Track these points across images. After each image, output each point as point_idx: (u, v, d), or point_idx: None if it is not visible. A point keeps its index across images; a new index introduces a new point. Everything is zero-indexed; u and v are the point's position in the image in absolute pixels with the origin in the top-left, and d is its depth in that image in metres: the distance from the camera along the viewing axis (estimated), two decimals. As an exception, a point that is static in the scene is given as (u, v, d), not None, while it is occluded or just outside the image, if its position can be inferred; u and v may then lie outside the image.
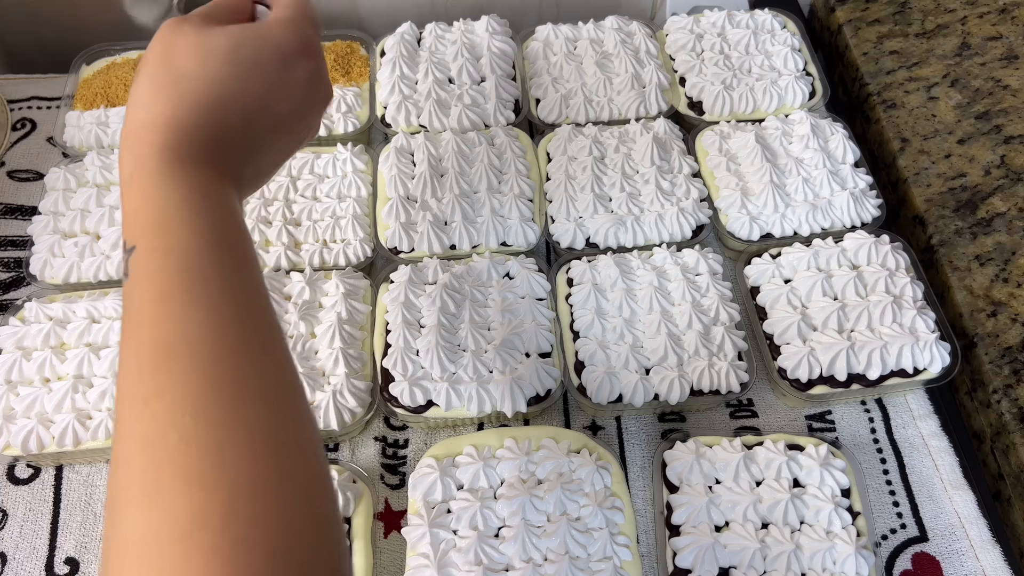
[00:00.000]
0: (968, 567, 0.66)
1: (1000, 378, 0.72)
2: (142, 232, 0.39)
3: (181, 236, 0.38)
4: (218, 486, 0.33)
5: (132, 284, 0.38)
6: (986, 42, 0.94)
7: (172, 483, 0.33)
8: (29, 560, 0.68)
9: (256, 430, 0.35)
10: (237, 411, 0.35)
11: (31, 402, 0.70)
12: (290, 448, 0.36)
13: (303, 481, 0.36)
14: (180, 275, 0.37)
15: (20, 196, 0.90)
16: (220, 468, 0.33)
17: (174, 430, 0.33)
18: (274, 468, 0.34)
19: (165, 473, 0.33)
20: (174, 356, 0.35)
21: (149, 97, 0.42)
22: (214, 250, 0.39)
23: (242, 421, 0.34)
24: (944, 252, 0.79)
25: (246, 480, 0.33)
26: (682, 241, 0.80)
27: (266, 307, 0.40)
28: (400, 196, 0.80)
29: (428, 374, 0.70)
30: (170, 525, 0.32)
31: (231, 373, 0.36)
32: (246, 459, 0.34)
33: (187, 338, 0.36)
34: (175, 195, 0.39)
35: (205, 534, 0.32)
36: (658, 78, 0.90)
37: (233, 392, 0.35)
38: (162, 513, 0.32)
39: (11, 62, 1.10)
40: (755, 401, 0.75)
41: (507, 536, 0.62)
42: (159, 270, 0.38)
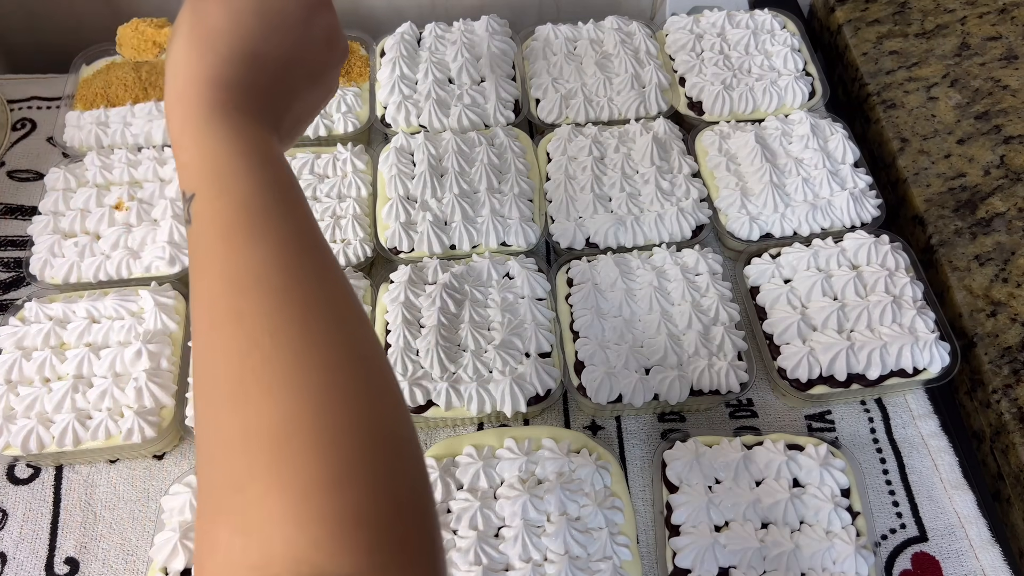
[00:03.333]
0: (968, 567, 0.66)
1: (1000, 378, 0.72)
2: (199, 181, 0.41)
3: (237, 181, 0.41)
4: (303, 390, 0.35)
5: (196, 228, 0.41)
6: (986, 42, 0.94)
7: (261, 392, 0.35)
8: (29, 560, 0.68)
9: (330, 345, 0.37)
10: (311, 329, 0.37)
11: (31, 402, 0.70)
12: (361, 359, 0.38)
13: (378, 384, 0.38)
14: (240, 215, 0.40)
15: (20, 196, 0.90)
16: (303, 377, 0.35)
17: (256, 349, 0.36)
18: (353, 375, 0.37)
19: (252, 385, 0.35)
20: (246, 286, 0.38)
21: (188, 57, 0.44)
22: (269, 193, 0.41)
23: (316, 336, 0.37)
24: (944, 252, 0.79)
25: (328, 385, 0.36)
26: (682, 241, 0.80)
27: (320, 241, 0.42)
28: (400, 196, 0.80)
29: (428, 374, 0.70)
30: (264, 425, 0.34)
31: (299, 298, 0.38)
32: (327, 369, 0.36)
33: (255, 270, 0.38)
34: (225, 145, 0.42)
35: (295, 429, 0.34)
36: (658, 78, 0.90)
37: (304, 314, 0.37)
38: (252, 418, 0.34)
39: (11, 62, 1.10)
40: (755, 401, 0.75)
41: (507, 536, 0.62)
42: (220, 212, 0.40)
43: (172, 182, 0.83)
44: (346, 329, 0.39)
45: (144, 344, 0.72)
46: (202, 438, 0.37)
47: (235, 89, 0.44)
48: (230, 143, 0.42)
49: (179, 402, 0.71)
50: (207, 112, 0.43)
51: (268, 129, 0.45)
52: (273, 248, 0.39)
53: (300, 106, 0.49)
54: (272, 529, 0.32)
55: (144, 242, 0.79)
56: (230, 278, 0.38)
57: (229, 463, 0.34)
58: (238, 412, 0.35)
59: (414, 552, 0.34)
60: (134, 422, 0.68)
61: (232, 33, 0.44)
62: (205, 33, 0.44)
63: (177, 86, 0.44)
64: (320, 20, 0.49)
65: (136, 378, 0.70)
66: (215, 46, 0.44)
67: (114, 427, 0.68)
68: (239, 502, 0.33)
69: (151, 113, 0.89)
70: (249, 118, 0.44)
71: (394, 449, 0.36)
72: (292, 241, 0.40)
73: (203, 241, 0.40)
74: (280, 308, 0.37)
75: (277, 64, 0.46)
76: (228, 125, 0.42)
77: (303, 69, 0.48)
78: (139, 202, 0.82)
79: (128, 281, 0.78)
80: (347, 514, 0.33)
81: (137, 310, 0.75)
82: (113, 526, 0.70)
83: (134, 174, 0.84)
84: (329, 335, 0.38)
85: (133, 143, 0.88)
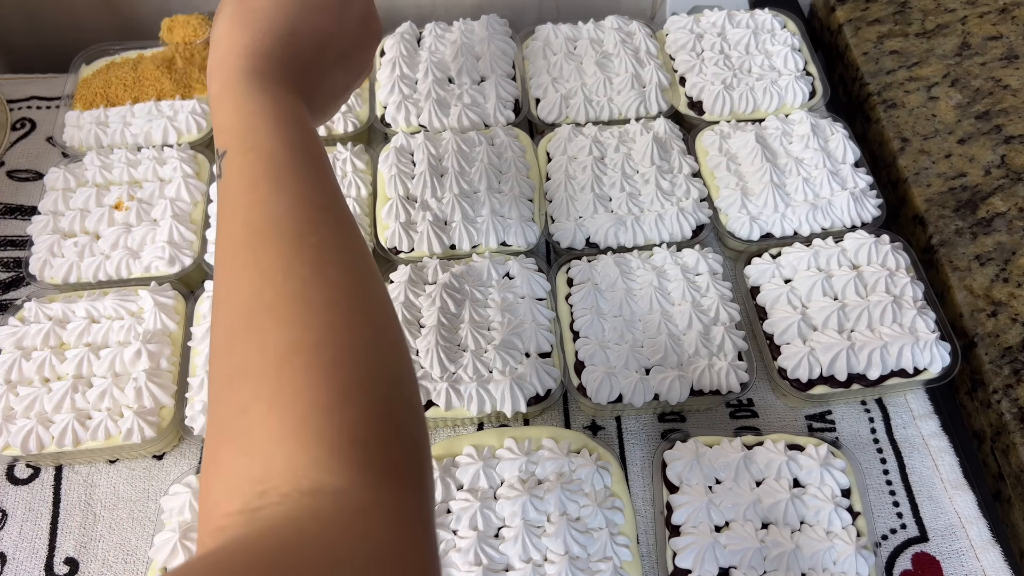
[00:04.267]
0: (968, 567, 0.66)
1: (1000, 378, 0.72)
2: (231, 138, 0.44)
3: (266, 140, 0.44)
4: (310, 322, 0.38)
5: (225, 181, 0.44)
6: (986, 42, 0.94)
7: (271, 323, 0.38)
8: (29, 560, 0.68)
9: (337, 284, 0.40)
10: (322, 271, 0.40)
11: (31, 402, 0.70)
12: (368, 300, 0.41)
13: (380, 324, 0.41)
14: (267, 170, 0.43)
15: (20, 196, 0.90)
16: (310, 311, 0.38)
17: (269, 286, 0.39)
18: (357, 314, 0.40)
19: (263, 317, 0.38)
20: (265, 232, 0.41)
21: (231, 30, 0.48)
22: (295, 152, 0.44)
23: (326, 278, 0.40)
24: (944, 252, 0.79)
25: (334, 320, 0.38)
26: (682, 241, 0.80)
27: (339, 198, 0.45)
28: (400, 196, 0.80)
29: (428, 374, 0.70)
30: (271, 352, 0.37)
31: (315, 243, 0.41)
32: (331, 305, 0.39)
33: (276, 218, 0.41)
34: (259, 108, 0.45)
35: (302, 357, 0.36)
36: (658, 78, 0.90)
37: (317, 257, 0.40)
38: (262, 345, 0.37)
39: (11, 62, 1.10)
40: (755, 401, 0.75)
41: (507, 536, 0.62)
42: (249, 166, 0.43)
43: (172, 182, 0.83)
44: (356, 275, 0.41)
45: (144, 344, 0.72)
46: (214, 366, 0.39)
47: (272, 60, 0.47)
48: (263, 106, 0.45)
49: (179, 402, 0.71)
50: (244, 78, 0.46)
51: (300, 99, 0.48)
52: (294, 200, 0.42)
53: (333, 82, 0.52)
54: (273, 447, 0.34)
55: (144, 242, 0.79)
56: (252, 226, 0.41)
57: (236, 388, 0.37)
58: (248, 341, 0.38)
59: (404, 472, 0.37)
60: (134, 422, 0.68)
61: (271, 12, 0.48)
62: (246, 11, 0.48)
63: (218, 54, 0.47)
64: (356, 2, 0.52)
65: (136, 378, 0.70)
66: (255, 22, 0.47)
67: (114, 427, 0.68)
68: (244, 423, 0.36)
69: (150, 113, 0.89)
70: (282, 87, 0.47)
71: (391, 381, 0.39)
72: (313, 195, 0.43)
73: (230, 192, 0.43)
74: (296, 252, 0.40)
75: (313, 41, 0.49)
76: (263, 90, 0.46)
77: (337, 47, 0.51)
78: (139, 202, 0.81)
79: (128, 281, 0.78)
80: (343, 434, 0.35)
81: (137, 310, 0.75)
82: (113, 526, 0.69)
83: (134, 174, 0.84)
84: (339, 278, 0.40)
85: (133, 143, 0.88)
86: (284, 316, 0.38)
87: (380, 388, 0.38)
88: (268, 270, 0.39)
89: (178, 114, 0.88)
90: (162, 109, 0.89)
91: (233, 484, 0.34)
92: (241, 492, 0.34)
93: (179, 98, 0.90)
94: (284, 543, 0.31)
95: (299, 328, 0.37)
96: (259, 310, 0.38)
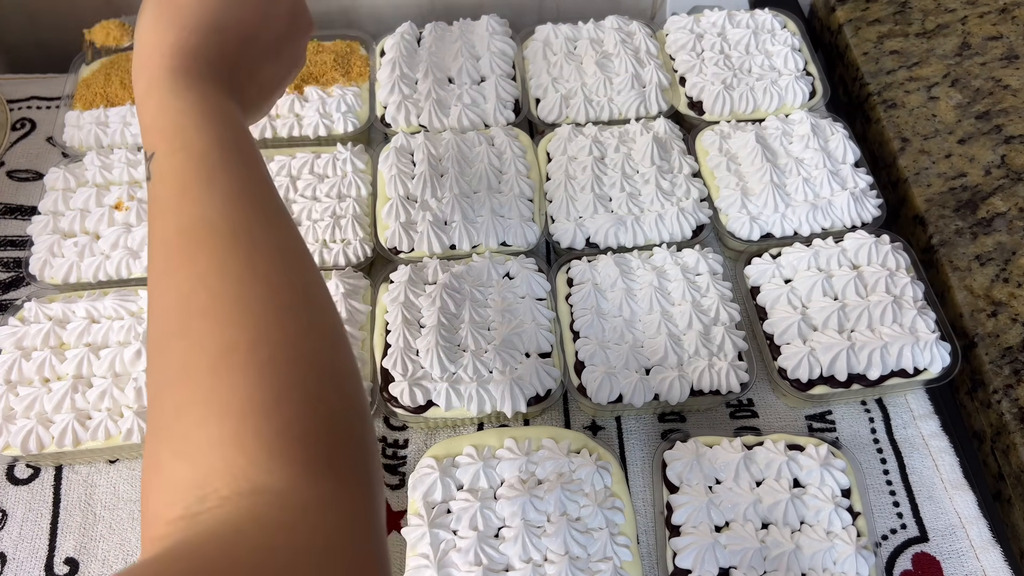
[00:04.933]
0: (968, 567, 0.66)
1: (1000, 378, 0.72)
2: (160, 139, 0.43)
3: (195, 138, 0.43)
4: (245, 322, 0.37)
5: (155, 183, 0.42)
6: (986, 42, 0.94)
7: (204, 324, 0.37)
8: (29, 560, 0.68)
9: (273, 282, 0.40)
10: (257, 269, 0.40)
11: (31, 402, 0.70)
12: (303, 296, 0.41)
13: (316, 319, 0.41)
14: (197, 169, 0.42)
15: (20, 196, 0.90)
16: (246, 310, 0.38)
17: (204, 288, 0.38)
18: (292, 310, 0.39)
19: (197, 320, 0.37)
20: (198, 234, 0.40)
21: (155, 27, 0.46)
22: (225, 148, 0.43)
23: (262, 276, 0.39)
24: (944, 252, 0.79)
25: (269, 318, 0.38)
26: (682, 241, 0.80)
27: (273, 194, 0.44)
28: (400, 196, 0.80)
29: (428, 374, 0.70)
30: (204, 354, 0.36)
31: (248, 242, 0.40)
32: (266, 303, 0.39)
33: (208, 218, 0.40)
34: (186, 106, 0.44)
35: (236, 357, 0.36)
36: (658, 78, 0.90)
37: (252, 256, 0.40)
38: (196, 347, 0.37)
39: (11, 62, 1.10)
40: (755, 401, 0.75)
41: (507, 536, 0.62)
42: (179, 167, 0.42)
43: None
44: (292, 271, 0.41)
45: (144, 344, 0.72)
46: (150, 370, 0.39)
47: (197, 57, 0.46)
48: (191, 104, 0.44)
49: (179, 402, 0.71)
50: (169, 76, 0.45)
51: (229, 96, 0.47)
52: (226, 199, 0.41)
53: (263, 78, 0.51)
54: (211, 450, 0.34)
55: (144, 242, 0.79)
56: (183, 228, 0.40)
57: (172, 390, 0.36)
58: (183, 344, 0.37)
59: (346, 467, 0.36)
60: (134, 422, 0.68)
61: (195, 7, 0.47)
62: (170, 7, 0.46)
63: (143, 53, 0.46)
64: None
65: (136, 378, 0.70)
66: (179, 19, 0.46)
67: (114, 427, 0.68)
68: (181, 426, 0.35)
69: (151, 113, 0.89)
70: (210, 84, 0.46)
71: (329, 375, 0.39)
72: (245, 192, 0.42)
73: (160, 195, 0.42)
74: (230, 252, 0.39)
75: (239, 36, 0.48)
76: (190, 88, 0.44)
77: (264, 43, 0.50)
78: (139, 202, 0.81)
79: (128, 281, 0.78)
80: (281, 433, 0.35)
81: (137, 310, 0.75)
82: (113, 526, 0.69)
83: (134, 174, 0.84)
84: (274, 275, 0.40)
85: (133, 143, 0.88)
86: (219, 316, 0.37)
87: (318, 384, 0.38)
88: (203, 272, 0.39)
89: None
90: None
91: (173, 490, 0.34)
92: (181, 497, 0.33)
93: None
94: (224, 547, 0.31)
95: (234, 328, 0.37)
96: (194, 311, 0.38)
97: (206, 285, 0.38)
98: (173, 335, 0.38)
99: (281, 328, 0.38)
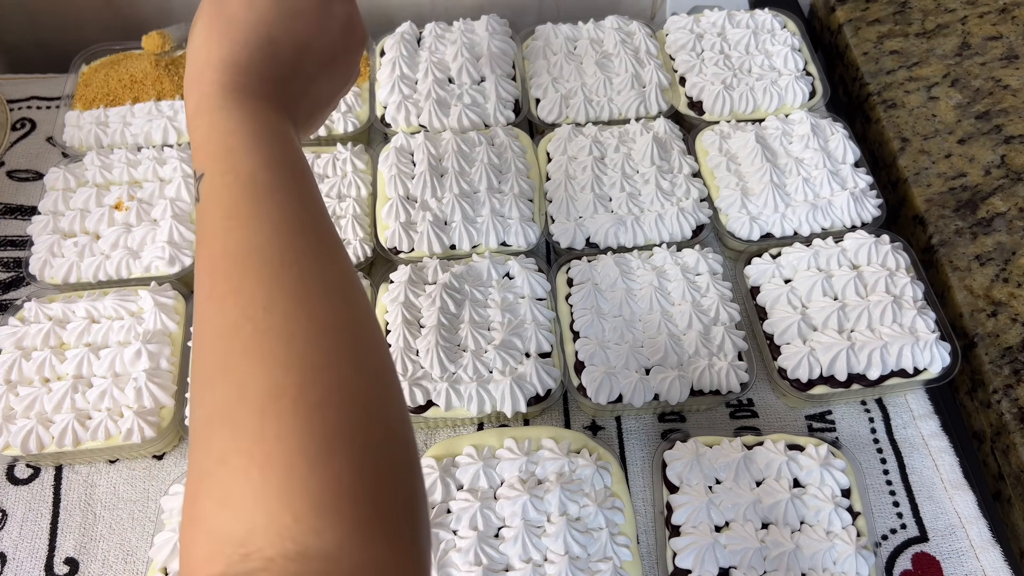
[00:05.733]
0: (968, 567, 0.66)
1: (1000, 378, 0.72)
2: (209, 159, 0.42)
3: (246, 160, 0.41)
4: (292, 364, 0.35)
5: (203, 205, 0.41)
6: (986, 42, 0.94)
7: (250, 364, 0.35)
8: (29, 560, 0.68)
9: (323, 320, 0.37)
10: (306, 305, 0.37)
11: (31, 402, 0.70)
12: (356, 336, 0.39)
13: (369, 362, 0.38)
14: (246, 192, 0.40)
15: (20, 196, 0.90)
16: (292, 351, 0.36)
17: (249, 321, 0.36)
18: (344, 352, 0.37)
19: (242, 357, 0.36)
20: (246, 261, 0.38)
21: (207, 42, 0.45)
22: (276, 171, 0.42)
23: (310, 313, 0.37)
24: (944, 252, 0.79)
25: (318, 359, 0.36)
26: (682, 241, 0.80)
27: (326, 220, 0.43)
28: (400, 196, 0.80)
29: (428, 374, 0.70)
30: (250, 397, 0.34)
31: (298, 273, 0.38)
32: (316, 343, 0.36)
33: (257, 246, 0.39)
34: (238, 125, 0.42)
35: (283, 402, 0.34)
36: (658, 78, 0.90)
37: (301, 289, 0.38)
38: (241, 389, 0.35)
39: (11, 62, 1.10)
40: (755, 401, 0.75)
41: (507, 536, 0.62)
42: (227, 189, 0.40)
43: (172, 182, 0.83)
44: (342, 305, 0.39)
45: (144, 344, 0.72)
46: (194, 407, 0.37)
47: (250, 73, 0.44)
48: (242, 123, 0.43)
49: (179, 402, 0.71)
50: (221, 94, 0.43)
51: (282, 112, 0.45)
52: (275, 225, 0.40)
53: (317, 92, 0.50)
54: (254, 504, 0.32)
55: (144, 242, 0.79)
56: (231, 254, 0.39)
57: (216, 433, 0.35)
58: (227, 383, 0.35)
59: (397, 527, 0.34)
60: (134, 422, 0.68)
61: (249, 21, 0.45)
62: (223, 21, 0.45)
63: (194, 70, 0.45)
64: (337, 7, 0.50)
65: (136, 378, 0.70)
66: (232, 33, 0.45)
67: (114, 427, 0.68)
68: (223, 474, 0.33)
69: (151, 113, 0.89)
70: (263, 101, 0.44)
71: (381, 424, 0.36)
72: (295, 218, 0.41)
73: (208, 218, 0.40)
74: (277, 283, 0.38)
75: (293, 50, 0.47)
76: (241, 106, 0.43)
77: (319, 55, 0.49)
78: (139, 202, 0.81)
79: (128, 281, 0.78)
80: (328, 487, 0.32)
81: (137, 310, 0.75)
82: (113, 526, 0.69)
83: (134, 174, 0.84)
84: (324, 312, 0.38)
85: (133, 143, 0.88)
86: (265, 355, 0.35)
87: (369, 433, 0.35)
88: (248, 303, 0.37)
89: (178, 114, 0.88)
90: (162, 109, 0.89)
91: (214, 543, 0.32)
92: (224, 553, 0.31)
93: (179, 98, 0.90)
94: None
95: (280, 370, 0.35)
96: (238, 348, 0.36)
97: (252, 318, 0.36)
98: (218, 371, 0.36)
99: (329, 371, 0.36)
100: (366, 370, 0.38)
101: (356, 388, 0.36)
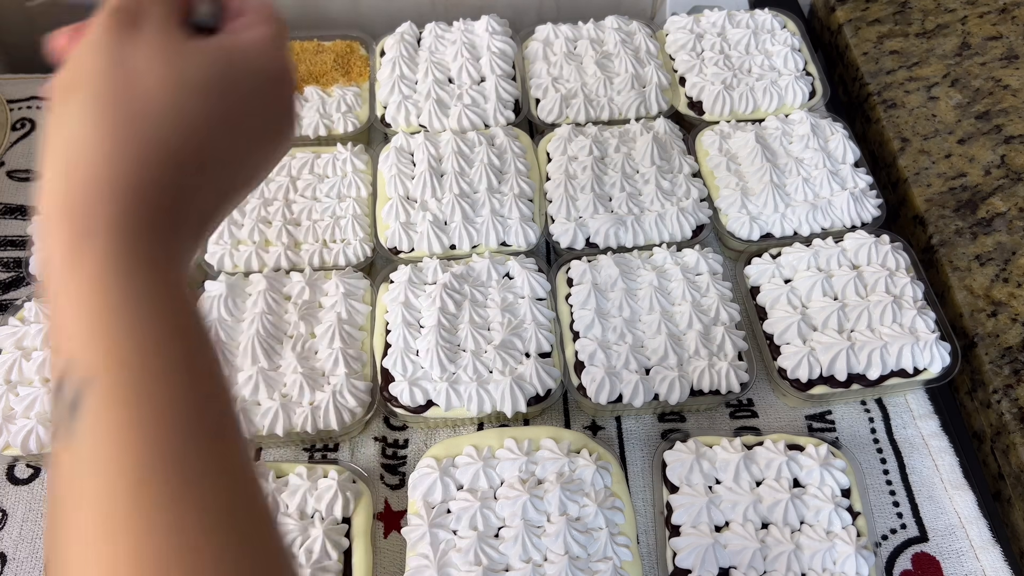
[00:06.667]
0: (968, 567, 0.66)
1: (1000, 378, 0.72)
2: (96, 351, 0.28)
3: (166, 375, 0.28)
4: None
5: (92, 450, 0.27)
6: (986, 42, 0.94)
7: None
8: (29, 560, 0.68)
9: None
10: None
11: (31, 402, 0.70)
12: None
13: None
14: (164, 449, 0.27)
15: (20, 196, 0.90)
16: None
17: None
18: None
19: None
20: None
21: (99, 141, 0.29)
22: (203, 403, 0.29)
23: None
24: (944, 252, 0.79)
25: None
26: (682, 241, 0.80)
27: (254, 481, 0.30)
28: (400, 196, 0.80)
29: (428, 374, 0.70)
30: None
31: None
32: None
33: (183, 549, 0.27)
34: (144, 302, 0.29)
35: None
36: (658, 78, 0.90)
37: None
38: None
39: (11, 62, 1.10)
40: (755, 401, 0.75)
41: (507, 536, 0.62)
42: (134, 441, 0.27)
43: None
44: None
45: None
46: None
47: (161, 202, 0.30)
48: (150, 301, 0.29)
49: (179, 402, 0.71)
50: (117, 234, 0.29)
51: (187, 256, 0.32)
52: (201, 515, 0.27)
53: (227, 210, 0.35)
54: None
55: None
56: (146, 565, 0.26)
57: None
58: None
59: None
60: (134, 422, 0.68)
61: (170, 117, 0.30)
62: (130, 109, 0.30)
63: (70, 188, 0.29)
64: (282, 102, 0.35)
65: (136, 378, 0.70)
66: (142, 132, 0.29)
67: (114, 427, 0.68)
68: None
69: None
70: (172, 244, 0.31)
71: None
72: (222, 495, 0.28)
73: (101, 487, 0.26)
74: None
75: (222, 163, 0.33)
76: (144, 259, 0.29)
77: (251, 166, 0.35)
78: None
79: (128, 281, 0.78)
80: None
81: (137, 310, 0.75)
82: (113, 526, 0.69)
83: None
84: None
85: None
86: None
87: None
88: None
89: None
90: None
91: None
92: None
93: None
94: None
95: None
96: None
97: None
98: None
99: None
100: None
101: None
